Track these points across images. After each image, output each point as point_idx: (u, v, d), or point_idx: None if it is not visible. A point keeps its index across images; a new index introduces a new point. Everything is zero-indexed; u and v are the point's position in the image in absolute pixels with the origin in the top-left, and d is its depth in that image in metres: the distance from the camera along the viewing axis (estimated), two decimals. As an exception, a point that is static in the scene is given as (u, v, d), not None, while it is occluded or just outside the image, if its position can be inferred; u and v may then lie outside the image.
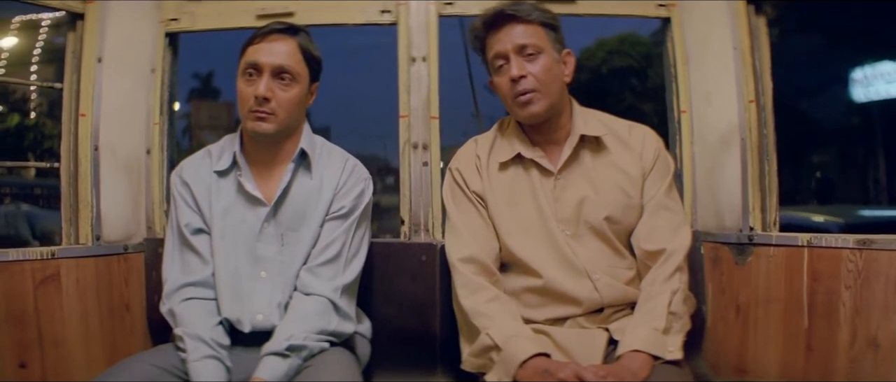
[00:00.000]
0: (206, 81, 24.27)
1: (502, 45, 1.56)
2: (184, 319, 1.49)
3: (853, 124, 12.95)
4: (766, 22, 1.97)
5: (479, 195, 1.64)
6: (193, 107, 22.61)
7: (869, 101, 11.84)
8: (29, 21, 12.68)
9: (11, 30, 13.62)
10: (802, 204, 8.34)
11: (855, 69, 11.81)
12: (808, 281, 1.70)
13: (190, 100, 23.70)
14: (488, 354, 1.44)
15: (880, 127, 12.12)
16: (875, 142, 12.16)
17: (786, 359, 1.75)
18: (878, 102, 11.68)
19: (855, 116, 12.76)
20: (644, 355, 1.36)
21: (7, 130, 13.58)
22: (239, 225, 1.59)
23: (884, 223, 5.15)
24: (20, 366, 1.71)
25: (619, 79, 15.28)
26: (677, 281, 1.50)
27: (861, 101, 11.98)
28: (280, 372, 1.39)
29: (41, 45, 13.97)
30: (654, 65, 14.57)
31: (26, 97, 14.15)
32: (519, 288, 1.60)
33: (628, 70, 15.09)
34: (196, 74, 24.69)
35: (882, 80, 11.53)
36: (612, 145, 1.63)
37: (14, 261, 1.73)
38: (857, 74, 11.83)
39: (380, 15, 2.10)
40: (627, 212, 1.59)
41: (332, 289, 1.55)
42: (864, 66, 11.67)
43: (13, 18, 12.25)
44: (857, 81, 11.89)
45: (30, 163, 4.80)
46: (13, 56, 13.59)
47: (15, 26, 13.20)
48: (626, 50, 15.04)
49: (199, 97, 23.85)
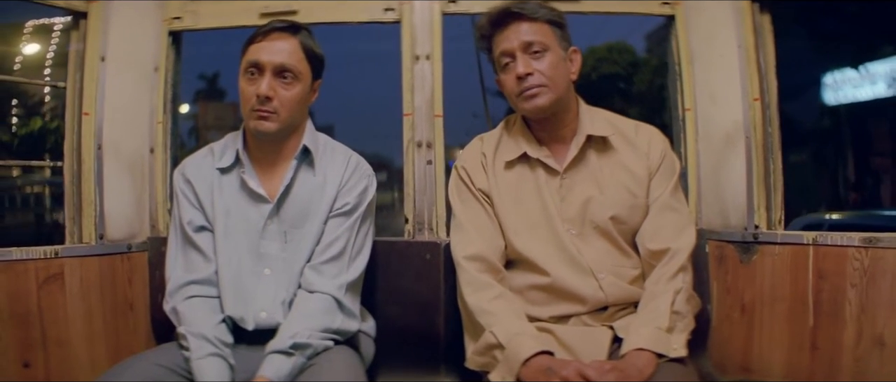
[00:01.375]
0: (212, 82, 24.34)
1: (509, 42, 1.56)
2: (187, 317, 1.49)
3: (824, 126, 13.07)
4: (770, 20, 1.96)
5: (484, 193, 1.64)
6: (201, 109, 22.75)
7: (838, 105, 12.01)
8: (42, 25, 12.77)
9: (25, 34, 13.73)
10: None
11: (828, 73, 11.97)
12: (814, 279, 1.70)
13: (197, 101, 23.85)
14: (492, 352, 1.44)
15: (848, 129, 12.25)
16: (844, 144, 12.32)
17: (791, 358, 1.74)
18: (847, 106, 11.85)
19: (826, 118, 12.89)
20: (648, 353, 1.36)
21: (31, 134, 13.69)
22: (242, 222, 1.58)
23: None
24: (24, 366, 1.71)
25: (607, 85, 16.11)
26: (681, 280, 1.50)
27: (832, 105, 12.14)
28: (284, 371, 1.39)
29: (54, 49, 14.04)
30: (640, 72, 15.80)
31: (44, 101, 14.25)
32: (524, 285, 1.59)
33: (616, 76, 15.89)
34: (202, 76, 24.80)
35: (849, 85, 11.65)
36: (619, 145, 1.62)
37: (18, 261, 1.73)
38: (828, 79, 11.98)
39: (383, 13, 2.10)
40: (633, 212, 1.59)
41: (337, 287, 1.54)
42: (835, 71, 11.82)
43: (25, 22, 12.32)
44: (829, 86, 12.06)
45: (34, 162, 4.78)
46: (27, 59, 13.69)
47: (28, 31, 13.31)
48: (614, 58, 16.01)
49: (206, 98, 23.95)
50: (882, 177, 11.89)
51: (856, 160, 12.29)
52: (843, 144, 12.50)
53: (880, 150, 11.78)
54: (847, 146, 12.41)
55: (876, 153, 11.85)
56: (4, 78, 2.17)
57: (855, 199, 11.61)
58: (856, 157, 12.29)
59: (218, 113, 21.11)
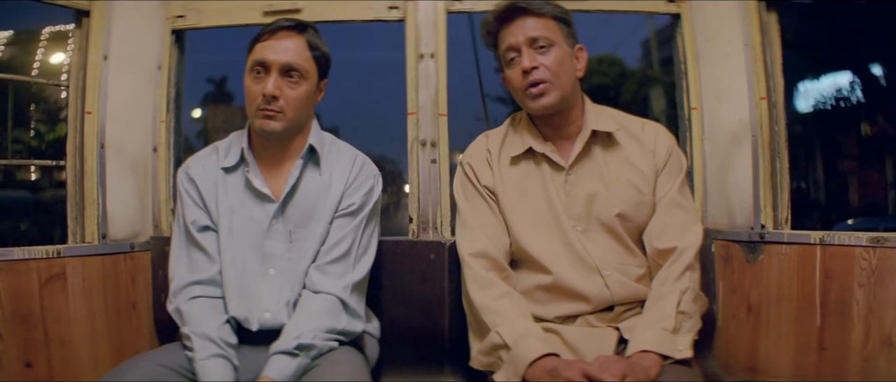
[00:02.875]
0: (221, 85, 24.42)
1: (514, 37, 1.56)
2: (191, 318, 1.48)
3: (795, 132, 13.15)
4: (777, 18, 1.95)
5: (490, 189, 1.63)
6: (210, 112, 22.90)
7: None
8: (58, 32, 12.85)
9: (42, 40, 13.76)
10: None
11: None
12: (821, 279, 1.69)
13: (207, 104, 23.97)
14: (497, 353, 1.43)
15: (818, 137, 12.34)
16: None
17: (798, 358, 1.73)
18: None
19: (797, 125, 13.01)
20: (654, 355, 1.35)
21: (58, 139, 13.71)
22: (247, 222, 1.57)
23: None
24: (26, 366, 1.71)
25: (597, 95, 17.01)
26: (688, 279, 1.49)
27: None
28: (289, 372, 1.38)
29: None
30: (627, 83, 16.64)
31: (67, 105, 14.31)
32: (529, 286, 1.59)
33: (605, 87, 16.72)
34: (210, 79, 24.89)
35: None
36: (625, 141, 1.61)
37: (20, 260, 1.73)
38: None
39: (388, 11, 2.09)
40: (639, 209, 1.58)
41: (342, 287, 1.53)
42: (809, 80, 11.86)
43: (43, 29, 12.39)
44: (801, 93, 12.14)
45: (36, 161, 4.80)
46: (44, 64, 13.73)
47: (45, 37, 13.39)
48: (604, 69, 16.99)
49: (215, 101, 24.06)
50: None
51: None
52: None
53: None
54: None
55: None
56: (7, 77, 2.15)
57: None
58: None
59: (227, 116, 21.19)
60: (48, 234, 8.15)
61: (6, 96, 11.34)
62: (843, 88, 10.16)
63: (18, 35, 12.08)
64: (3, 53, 12.07)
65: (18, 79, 2.37)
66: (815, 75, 10.37)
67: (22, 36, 12.04)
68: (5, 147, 11.40)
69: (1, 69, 10.77)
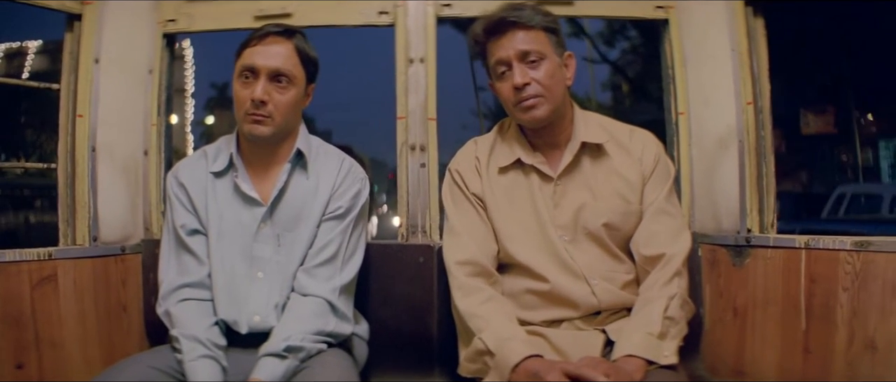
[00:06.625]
0: (223, 91, 24.57)
1: (505, 51, 1.54)
2: (180, 320, 1.49)
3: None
4: (763, 23, 1.97)
5: (478, 197, 1.64)
6: (216, 118, 23.09)
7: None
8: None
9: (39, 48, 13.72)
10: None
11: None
12: (806, 282, 1.70)
13: (213, 109, 24.21)
14: (483, 359, 1.44)
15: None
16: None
17: (783, 361, 1.74)
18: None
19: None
20: (638, 359, 1.35)
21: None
22: (235, 225, 1.58)
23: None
24: (17, 367, 1.71)
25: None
26: (675, 285, 1.49)
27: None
28: (277, 373, 1.39)
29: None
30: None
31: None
32: (518, 289, 1.59)
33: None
34: (214, 84, 25.06)
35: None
36: (613, 151, 1.61)
37: (11, 262, 1.73)
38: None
39: (378, 16, 2.09)
40: (626, 219, 1.58)
41: (330, 290, 1.55)
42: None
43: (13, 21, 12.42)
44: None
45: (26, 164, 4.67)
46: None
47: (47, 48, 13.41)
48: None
49: (219, 107, 24.28)
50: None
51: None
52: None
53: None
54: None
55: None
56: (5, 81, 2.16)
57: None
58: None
59: (231, 121, 21.36)
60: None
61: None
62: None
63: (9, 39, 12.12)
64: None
65: (9, 83, 2.35)
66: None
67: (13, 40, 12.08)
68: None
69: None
